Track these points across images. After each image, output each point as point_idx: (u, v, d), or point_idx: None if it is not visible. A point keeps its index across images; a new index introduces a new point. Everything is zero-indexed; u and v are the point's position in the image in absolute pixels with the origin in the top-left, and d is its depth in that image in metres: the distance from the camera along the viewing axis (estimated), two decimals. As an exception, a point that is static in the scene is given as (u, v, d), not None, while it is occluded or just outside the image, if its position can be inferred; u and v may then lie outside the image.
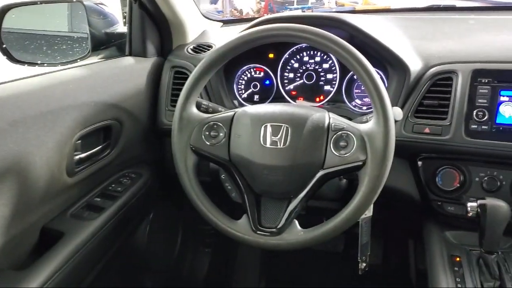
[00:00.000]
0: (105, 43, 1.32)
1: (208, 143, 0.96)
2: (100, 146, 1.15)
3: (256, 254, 1.88)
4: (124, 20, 1.45)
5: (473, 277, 0.97)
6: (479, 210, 0.97)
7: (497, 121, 1.02)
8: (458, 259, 1.03)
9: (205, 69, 0.95)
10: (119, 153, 1.20)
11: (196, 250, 1.87)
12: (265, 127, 0.92)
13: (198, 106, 1.03)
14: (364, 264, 1.10)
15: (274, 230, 0.91)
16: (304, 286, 1.79)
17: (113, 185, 1.22)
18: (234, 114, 0.97)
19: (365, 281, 1.35)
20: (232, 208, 1.05)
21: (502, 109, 1.02)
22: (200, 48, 1.38)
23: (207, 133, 0.96)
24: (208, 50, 1.37)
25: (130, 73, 1.28)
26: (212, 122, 0.97)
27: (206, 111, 1.05)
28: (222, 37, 1.47)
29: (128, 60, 1.33)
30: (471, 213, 0.99)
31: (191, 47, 1.38)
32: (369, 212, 1.02)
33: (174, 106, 1.00)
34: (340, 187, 1.14)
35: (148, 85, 1.30)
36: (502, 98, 1.03)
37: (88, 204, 1.14)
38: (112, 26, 1.36)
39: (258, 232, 0.92)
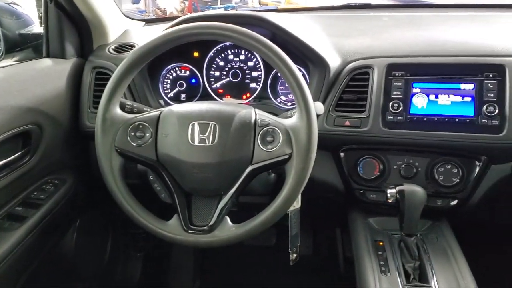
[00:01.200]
0: (20, 45, 1.25)
1: (134, 144, 0.94)
2: (19, 153, 1.09)
3: (189, 255, 1.87)
4: (40, 20, 1.38)
5: (396, 259, 1.03)
6: (398, 196, 1.04)
7: (411, 112, 1.10)
8: (381, 243, 1.09)
9: (127, 69, 0.93)
10: (40, 159, 1.15)
11: (128, 255, 1.82)
12: (193, 125, 0.92)
13: (122, 107, 1.00)
14: (295, 255, 1.13)
15: (205, 228, 0.91)
16: (238, 281, 1.81)
17: (35, 193, 1.16)
18: (160, 113, 0.96)
19: (297, 271, 1.39)
20: (162, 209, 1.04)
21: (415, 100, 1.10)
22: (122, 48, 1.35)
23: (132, 134, 0.94)
24: (130, 49, 1.34)
25: (49, 75, 1.22)
26: (137, 123, 0.95)
27: (130, 111, 1.03)
28: (144, 36, 1.44)
29: (46, 62, 1.27)
30: (391, 199, 1.06)
31: (113, 47, 1.35)
32: (297, 204, 1.05)
33: (97, 107, 0.97)
34: (269, 182, 1.17)
35: (69, 87, 1.25)
36: (414, 90, 1.10)
37: (9, 214, 1.07)
38: (27, 26, 1.30)
39: (189, 231, 0.91)
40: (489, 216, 1.27)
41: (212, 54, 1.33)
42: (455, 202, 1.13)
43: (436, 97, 1.09)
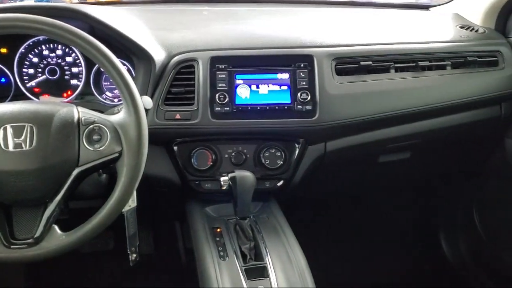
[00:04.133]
0: None
1: None
2: None
3: (18, 270, 1.68)
4: None
5: (232, 243, 1.07)
6: (230, 182, 1.08)
7: (236, 102, 1.15)
8: (218, 230, 1.13)
9: None
10: None
11: None
12: (5, 129, 0.82)
13: None
14: (135, 255, 1.11)
15: (30, 240, 0.83)
16: None
17: None
18: None
19: (139, 272, 1.36)
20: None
21: (239, 91, 1.15)
22: None
23: None
24: None
25: None
26: None
27: None
28: None
29: None
30: (224, 186, 1.10)
31: None
32: (133, 203, 1.02)
33: None
34: (100, 183, 1.12)
35: None
36: (237, 81, 1.15)
37: None
38: None
39: (12, 246, 0.83)
40: (309, 191, 1.41)
41: (23, 50, 1.21)
42: (281, 182, 1.22)
43: (258, 87, 1.16)
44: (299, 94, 1.15)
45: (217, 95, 1.13)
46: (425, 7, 1.71)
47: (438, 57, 1.28)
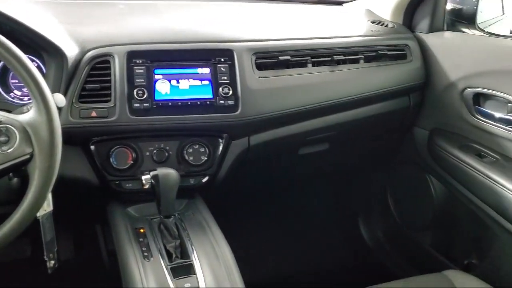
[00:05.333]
0: None
1: None
2: None
3: None
4: None
5: (157, 242, 1.05)
6: (153, 181, 1.06)
7: (156, 98, 1.12)
8: (142, 230, 1.10)
9: None
10: None
11: None
12: None
13: None
14: (53, 262, 1.05)
15: None
16: None
17: None
18: None
19: (59, 278, 1.29)
20: None
21: (159, 86, 1.13)
22: None
23: None
24: None
25: None
26: None
27: None
28: None
29: None
30: (146, 185, 1.07)
31: None
32: (48, 207, 0.97)
33: None
34: (11, 188, 1.04)
35: None
36: (156, 77, 1.13)
37: None
38: None
39: None
40: (234, 186, 1.42)
41: None
42: (206, 178, 1.21)
43: (178, 82, 1.14)
44: (220, 88, 1.15)
45: (135, 91, 1.10)
46: (339, 2, 1.77)
47: (352, 51, 1.34)
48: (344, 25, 1.52)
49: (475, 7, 1.37)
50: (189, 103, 1.14)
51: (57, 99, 0.88)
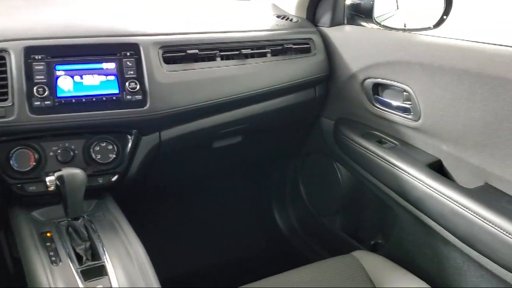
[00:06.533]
0: None
1: None
2: None
3: None
4: None
5: (65, 246, 1.01)
6: (57, 182, 1.01)
7: (58, 95, 1.07)
8: (49, 234, 1.05)
9: None
10: None
11: None
12: None
13: None
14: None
15: None
16: None
17: None
18: None
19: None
20: None
21: (61, 83, 1.07)
22: None
23: None
24: None
25: None
26: None
27: None
28: None
29: None
30: (51, 187, 1.03)
31: None
32: None
33: None
34: None
35: None
36: (58, 73, 1.07)
37: None
38: None
39: None
40: (147, 182, 1.40)
41: None
42: (115, 177, 1.18)
43: (81, 78, 1.09)
44: (127, 83, 1.12)
45: (35, 88, 1.04)
46: (246, -4, 1.80)
47: (259, 45, 1.37)
48: (251, 19, 1.55)
49: (371, 2, 1.45)
50: (94, 99, 1.10)
51: None
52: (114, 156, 1.16)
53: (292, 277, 1.20)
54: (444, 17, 1.32)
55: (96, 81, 1.11)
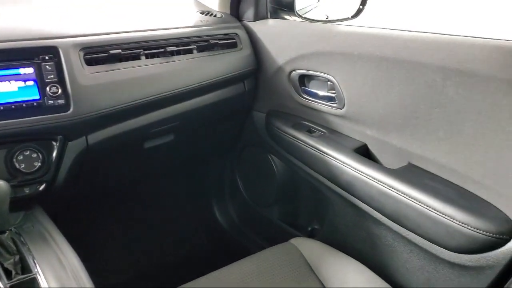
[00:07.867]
0: None
1: None
2: None
3: None
4: None
5: None
6: None
7: None
8: None
9: None
10: None
11: None
12: None
13: None
14: None
15: None
16: None
17: None
18: None
19: None
20: None
21: None
22: None
23: None
24: None
25: None
26: None
27: None
28: None
29: None
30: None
31: None
32: None
33: None
34: None
35: None
36: None
37: None
38: None
39: None
40: (79, 189, 1.36)
41: None
42: (43, 186, 1.14)
43: (-2, 85, 1.04)
44: (48, 88, 1.08)
45: None
46: (168, -7, 1.78)
47: (184, 42, 1.36)
48: (175, 16, 1.54)
49: (293, -5, 1.49)
50: (13, 106, 1.05)
51: None
52: (39, 164, 1.11)
53: (233, 270, 1.21)
54: (361, 7, 1.37)
55: (14, 87, 1.06)
